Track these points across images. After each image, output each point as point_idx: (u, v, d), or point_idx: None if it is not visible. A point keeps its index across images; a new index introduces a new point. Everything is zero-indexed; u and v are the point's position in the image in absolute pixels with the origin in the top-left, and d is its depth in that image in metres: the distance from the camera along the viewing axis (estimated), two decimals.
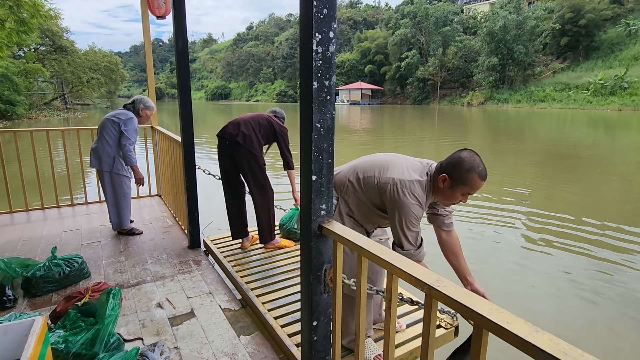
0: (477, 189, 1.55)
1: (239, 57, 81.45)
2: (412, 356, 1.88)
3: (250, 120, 2.96)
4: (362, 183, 1.71)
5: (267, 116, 3.05)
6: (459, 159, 1.55)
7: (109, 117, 3.26)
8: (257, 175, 2.91)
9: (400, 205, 1.56)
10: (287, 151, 3.02)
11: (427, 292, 0.94)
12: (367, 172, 1.70)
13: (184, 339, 1.98)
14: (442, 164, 1.61)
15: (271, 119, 3.03)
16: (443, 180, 1.58)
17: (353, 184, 1.74)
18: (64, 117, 28.04)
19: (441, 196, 1.63)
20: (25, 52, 29.21)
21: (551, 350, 0.67)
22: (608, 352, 2.64)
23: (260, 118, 3.01)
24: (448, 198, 1.61)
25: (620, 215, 5.49)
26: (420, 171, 1.64)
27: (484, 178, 1.54)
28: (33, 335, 1.39)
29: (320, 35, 1.13)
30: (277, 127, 3.01)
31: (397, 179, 1.59)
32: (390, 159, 1.71)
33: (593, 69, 35.41)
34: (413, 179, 1.59)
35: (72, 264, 2.54)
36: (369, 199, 1.70)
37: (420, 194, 1.58)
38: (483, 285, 1.82)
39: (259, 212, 2.98)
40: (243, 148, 2.84)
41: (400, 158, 1.72)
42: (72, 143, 7.70)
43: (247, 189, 3.03)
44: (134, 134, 3.27)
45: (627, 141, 14.09)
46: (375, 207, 1.70)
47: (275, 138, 3.03)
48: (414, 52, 47.77)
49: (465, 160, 1.53)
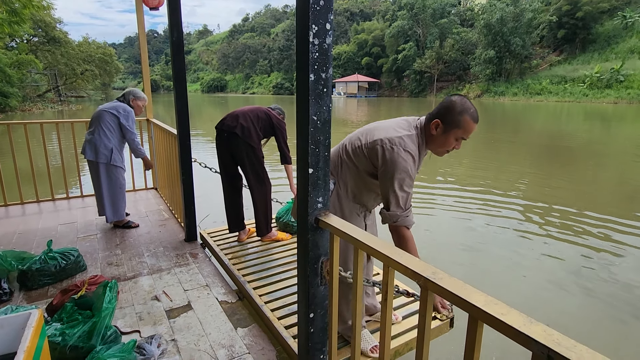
0: (471, 132, 1.54)
1: (234, 49, 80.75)
2: (407, 347, 1.89)
3: (249, 113, 2.95)
4: (352, 155, 1.68)
5: (265, 109, 3.04)
6: (450, 102, 1.54)
7: (106, 109, 3.24)
8: (255, 168, 2.91)
9: (394, 164, 1.52)
10: (285, 145, 3.02)
11: (423, 285, 0.94)
12: (354, 143, 1.68)
13: (181, 331, 1.99)
14: (433, 112, 1.59)
15: (269, 112, 3.02)
16: (436, 126, 1.56)
17: (345, 161, 1.71)
18: (58, 110, 27.76)
19: (434, 144, 1.61)
20: (18, 44, 28.82)
21: (545, 341, 0.67)
22: (603, 342, 2.68)
23: (259, 111, 3.00)
24: (442, 145, 1.59)
25: (613, 206, 5.54)
26: (407, 126, 1.62)
27: (476, 120, 1.53)
28: (30, 328, 1.39)
29: (317, 27, 1.12)
30: (275, 120, 3.00)
31: (385, 138, 1.56)
32: (374, 124, 1.69)
33: (589, 62, 35.44)
34: (401, 135, 1.56)
35: (68, 257, 2.53)
36: (364, 170, 1.66)
37: (412, 147, 1.55)
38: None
39: (256, 205, 2.98)
40: (241, 140, 2.83)
41: (385, 121, 1.69)
42: (66, 135, 7.63)
43: (245, 181, 3.03)
44: (134, 127, 3.29)
45: (622, 134, 14.17)
46: (372, 177, 1.66)
47: (274, 132, 3.02)
48: (411, 45, 47.57)
49: (457, 104, 1.52)
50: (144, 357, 1.74)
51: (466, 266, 3.67)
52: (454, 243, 4.24)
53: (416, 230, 1.69)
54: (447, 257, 3.88)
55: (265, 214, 3.01)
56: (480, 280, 3.40)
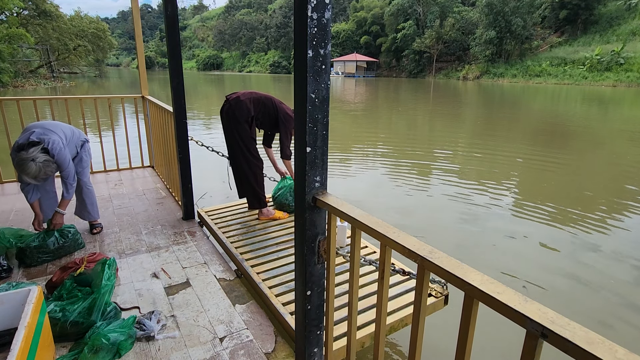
0: None
1: (231, 26, 78.90)
2: (402, 323, 1.94)
3: (254, 94, 2.97)
4: None
5: (277, 100, 3.03)
6: None
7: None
8: (243, 142, 2.90)
9: None
10: (286, 140, 3.01)
11: (419, 263, 0.95)
12: None
13: (180, 308, 2.01)
14: None
15: (279, 104, 3.01)
16: None
17: None
18: (51, 86, 27.27)
19: None
20: (8, 17, 28.00)
21: (539, 319, 0.69)
22: (595, 321, 2.75)
23: (266, 97, 3.00)
24: None
25: (605, 190, 5.59)
26: None
27: None
28: (30, 304, 1.40)
29: (316, 1, 1.09)
30: (281, 113, 2.99)
31: None
32: None
33: (590, 44, 34.99)
34: None
35: (66, 235, 2.54)
36: None
37: None
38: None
39: (241, 179, 3.01)
40: (233, 110, 2.84)
41: None
42: (60, 113, 7.53)
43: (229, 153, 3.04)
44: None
45: (619, 118, 14.15)
46: None
47: (277, 124, 3.01)
48: (410, 23, 46.62)
49: None
50: (144, 332, 1.77)
51: (461, 246, 3.73)
52: (447, 223, 4.28)
53: (414, 209, 1.70)
54: (443, 237, 3.93)
55: (253, 189, 3.00)
56: (472, 259, 3.46)
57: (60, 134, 2.51)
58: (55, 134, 2.47)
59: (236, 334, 1.83)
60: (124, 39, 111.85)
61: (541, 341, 0.70)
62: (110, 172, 4.52)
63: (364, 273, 2.30)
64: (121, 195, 3.73)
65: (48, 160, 2.34)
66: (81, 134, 2.79)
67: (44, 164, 2.31)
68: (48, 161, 2.34)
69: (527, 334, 0.72)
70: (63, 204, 2.59)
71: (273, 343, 1.79)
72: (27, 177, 2.30)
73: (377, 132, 10.77)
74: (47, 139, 2.39)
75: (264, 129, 3.16)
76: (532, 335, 0.71)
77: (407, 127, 11.83)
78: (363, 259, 1.90)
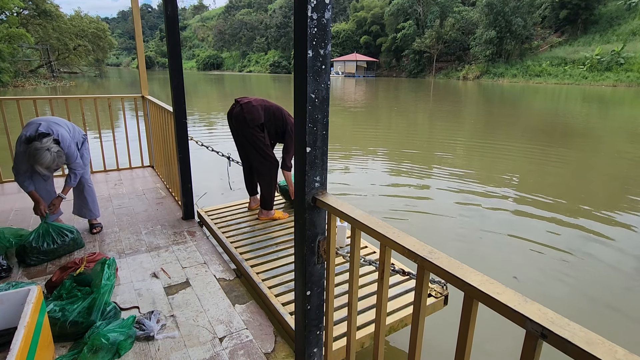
0: None
1: (231, 26, 78.85)
2: (402, 323, 1.93)
3: (265, 102, 2.99)
4: None
5: (284, 111, 3.04)
6: None
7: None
8: (257, 144, 2.91)
9: None
10: (292, 153, 3.02)
11: (419, 264, 0.95)
12: None
13: (180, 308, 2.01)
14: None
15: (288, 116, 3.02)
16: None
17: None
18: (51, 86, 27.25)
19: None
20: (8, 16, 27.99)
21: (539, 320, 0.69)
22: (595, 323, 2.75)
23: (276, 108, 3.01)
24: None
25: (605, 190, 5.59)
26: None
27: None
28: (29, 303, 1.40)
29: (316, 1, 1.09)
30: (290, 125, 3.00)
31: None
32: None
33: (590, 44, 34.96)
34: None
35: (66, 234, 2.53)
36: None
37: None
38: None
39: (260, 183, 3.07)
40: (244, 114, 2.86)
41: None
42: (60, 113, 7.52)
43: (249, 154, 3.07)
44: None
45: (618, 119, 14.14)
46: None
47: (283, 135, 3.03)
48: (410, 23, 46.57)
49: None
50: (143, 332, 1.77)
51: (462, 245, 3.73)
52: (447, 223, 4.28)
53: (414, 209, 1.70)
54: (443, 237, 3.92)
55: (270, 192, 3.04)
56: (471, 257, 3.45)
57: (65, 128, 2.56)
58: (62, 127, 2.54)
59: (236, 334, 1.83)
60: (124, 38, 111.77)
61: (541, 341, 0.70)
62: (110, 171, 4.52)
63: (363, 273, 2.30)
64: (121, 195, 3.73)
65: (60, 151, 2.41)
66: (80, 131, 2.81)
67: (57, 154, 2.38)
68: (60, 152, 2.41)
69: (527, 334, 0.72)
70: (66, 190, 2.65)
71: (273, 343, 1.79)
72: (41, 167, 2.35)
73: (377, 131, 10.76)
74: (55, 131, 2.44)
75: (268, 138, 3.17)
76: (532, 336, 0.71)
77: (406, 127, 11.83)
78: (363, 259, 1.90)
